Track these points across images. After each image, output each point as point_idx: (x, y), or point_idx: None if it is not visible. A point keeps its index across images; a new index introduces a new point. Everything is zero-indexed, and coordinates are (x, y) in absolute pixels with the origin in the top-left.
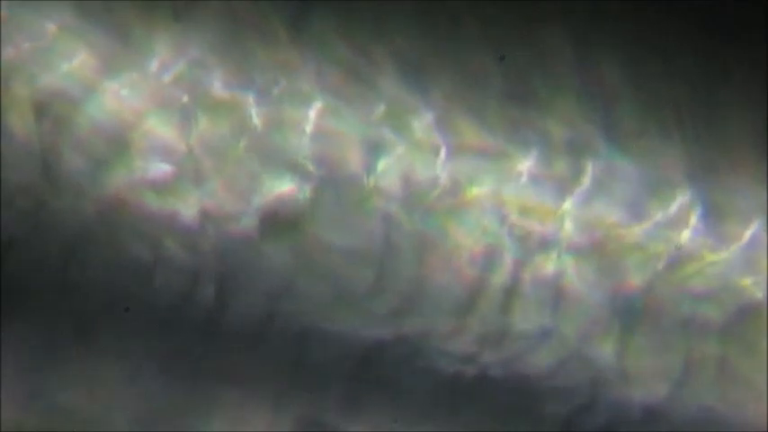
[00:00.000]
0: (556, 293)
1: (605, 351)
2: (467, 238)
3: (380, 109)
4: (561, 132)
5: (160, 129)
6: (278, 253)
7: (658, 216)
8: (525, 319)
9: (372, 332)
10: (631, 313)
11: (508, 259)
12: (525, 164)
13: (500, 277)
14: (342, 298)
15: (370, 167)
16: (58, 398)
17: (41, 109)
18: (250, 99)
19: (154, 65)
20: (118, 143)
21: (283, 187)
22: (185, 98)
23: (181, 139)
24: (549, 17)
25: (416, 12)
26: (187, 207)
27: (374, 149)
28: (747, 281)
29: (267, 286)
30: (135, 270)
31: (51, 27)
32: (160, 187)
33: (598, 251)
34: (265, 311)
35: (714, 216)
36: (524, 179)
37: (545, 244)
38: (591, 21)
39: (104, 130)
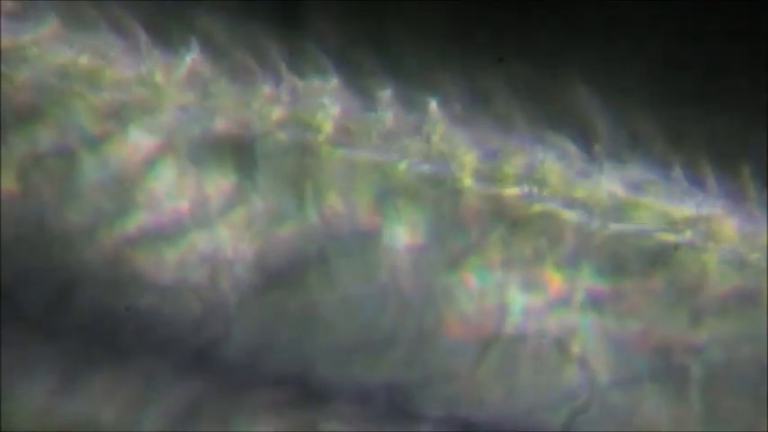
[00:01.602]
0: (572, 346)
1: (622, 407)
2: (477, 291)
3: (393, 156)
4: (578, 158)
5: (161, 175)
6: (282, 303)
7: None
8: (537, 372)
9: (378, 381)
10: (653, 365)
11: (521, 311)
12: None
13: (511, 330)
14: (347, 349)
15: (379, 220)
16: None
17: (39, 160)
18: (254, 145)
19: (158, 102)
20: (118, 192)
21: (289, 235)
22: (186, 141)
23: (182, 184)
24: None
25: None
26: (189, 255)
27: (385, 201)
28: None
29: (269, 336)
30: (136, 316)
31: (54, 73)
32: (160, 234)
33: (617, 301)
34: (265, 361)
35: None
36: (537, 222)
37: (560, 295)
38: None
39: (104, 181)
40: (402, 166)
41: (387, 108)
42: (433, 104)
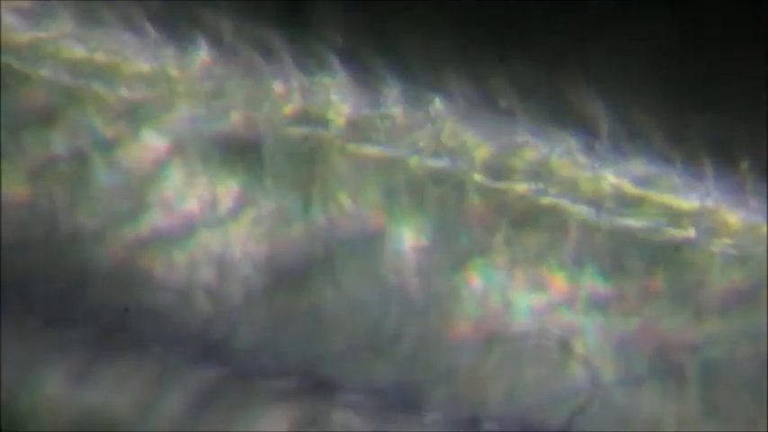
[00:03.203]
0: (575, 348)
1: (624, 405)
2: (480, 295)
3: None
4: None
5: (171, 177)
6: (286, 305)
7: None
8: (542, 374)
9: (381, 382)
10: (654, 364)
11: (522, 313)
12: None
13: (515, 331)
14: (353, 349)
15: (385, 221)
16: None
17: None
18: (262, 145)
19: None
20: (129, 194)
21: (297, 236)
22: (196, 144)
23: (192, 186)
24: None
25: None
26: (197, 256)
27: (392, 201)
28: None
29: (276, 337)
30: (145, 318)
31: (65, 78)
32: (169, 238)
33: (620, 302)
34: (272, 360)
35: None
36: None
37: (563, 297)
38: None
39: (115, 183)
40: (410, 161)
41: (394, 105)
42: (440, 101)
